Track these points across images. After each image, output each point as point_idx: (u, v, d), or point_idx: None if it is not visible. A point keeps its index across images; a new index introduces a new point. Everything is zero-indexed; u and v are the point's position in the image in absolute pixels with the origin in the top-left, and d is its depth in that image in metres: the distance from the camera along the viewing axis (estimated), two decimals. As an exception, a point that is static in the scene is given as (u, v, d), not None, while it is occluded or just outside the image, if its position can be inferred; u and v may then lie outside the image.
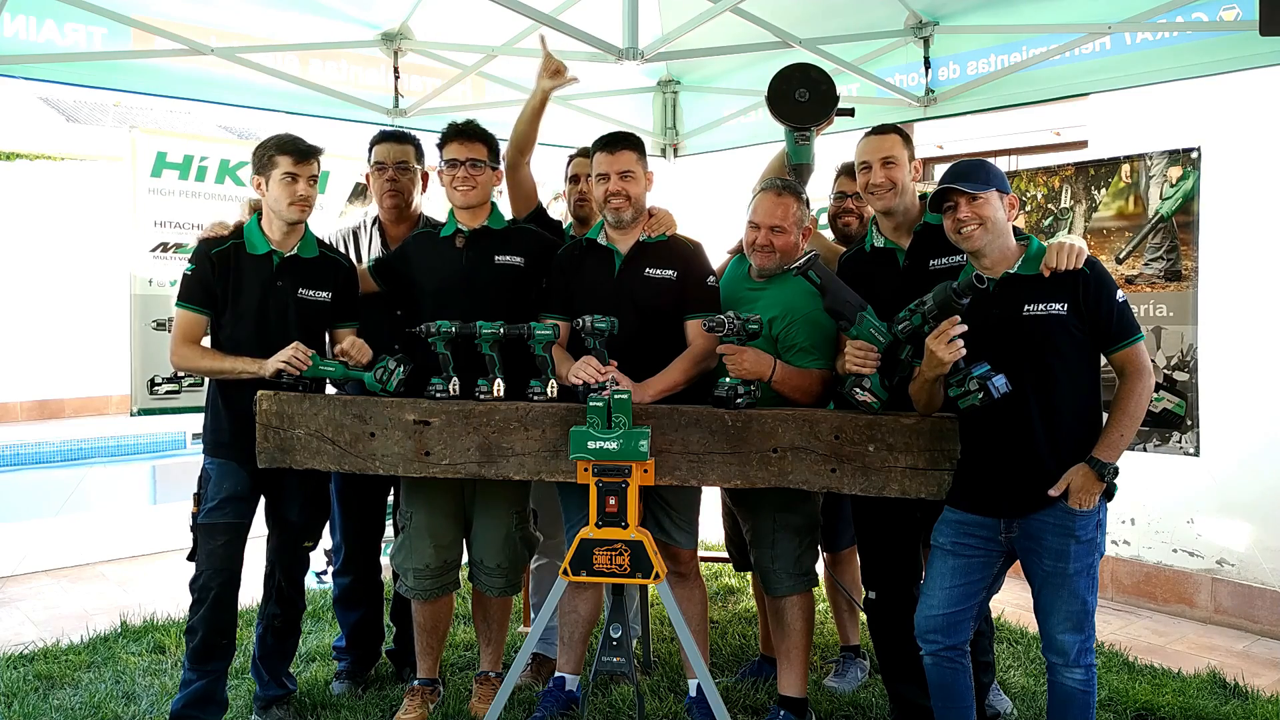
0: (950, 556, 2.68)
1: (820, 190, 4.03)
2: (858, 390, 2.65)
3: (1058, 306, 2.52)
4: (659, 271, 3.09)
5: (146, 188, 4.35)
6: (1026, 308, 2.55)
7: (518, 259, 3.21)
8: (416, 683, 3.39)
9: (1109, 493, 2.56)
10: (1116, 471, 2.51)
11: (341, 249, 3.49)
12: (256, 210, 3.17)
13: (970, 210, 2.55)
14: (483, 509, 3.26)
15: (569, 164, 3.71)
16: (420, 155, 3.58)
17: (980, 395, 2.46)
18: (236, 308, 3.06)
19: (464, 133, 3.19)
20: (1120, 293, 2.57)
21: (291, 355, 2.94)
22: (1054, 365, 2.54)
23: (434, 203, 3.72)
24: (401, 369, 2.98)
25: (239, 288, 3.06)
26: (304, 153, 3.06)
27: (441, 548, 3.24)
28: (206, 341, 3.12)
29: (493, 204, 3.30)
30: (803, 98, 3.34)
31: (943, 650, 2.69)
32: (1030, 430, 2.55)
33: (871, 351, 2.65)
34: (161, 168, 4.39)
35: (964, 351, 2.47)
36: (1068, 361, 2.54)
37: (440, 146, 3.23)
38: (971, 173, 2.60)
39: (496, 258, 3.19)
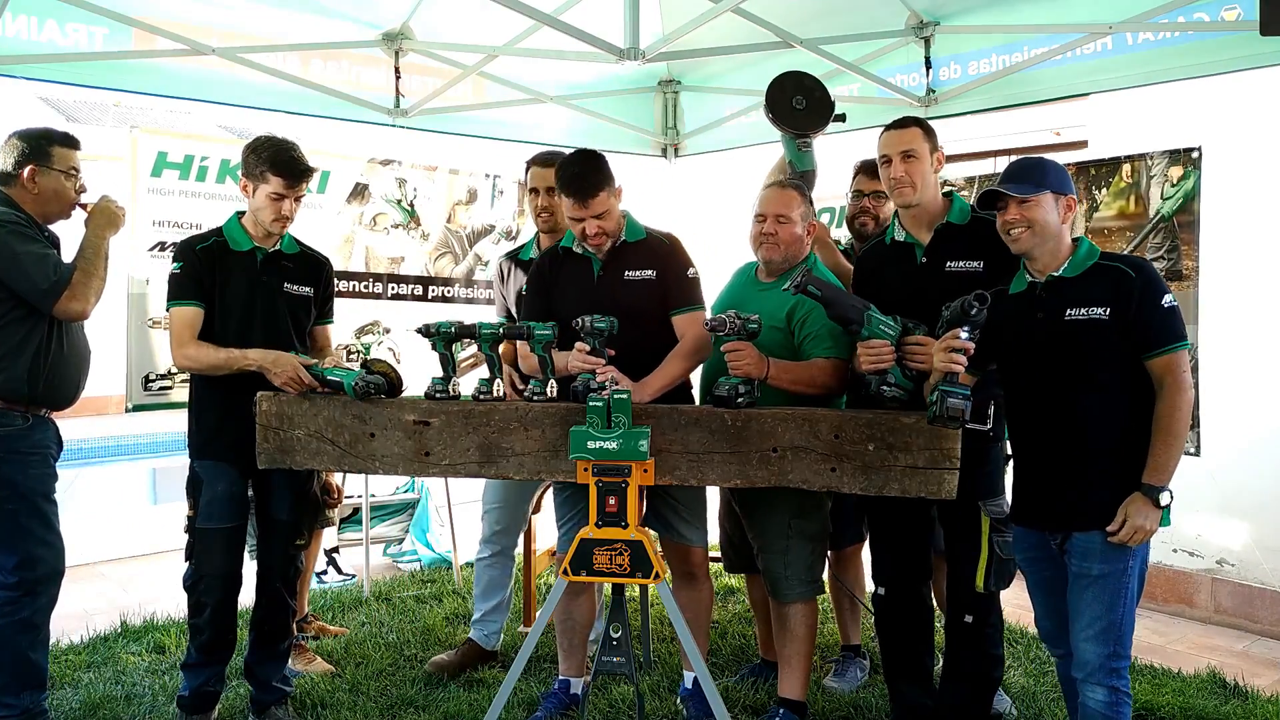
0: (1029, 575, 2.73)
1: (825, 192, 4.03)
2: (885, 388, 2.65)
3: (1100, 311, 2.46)
4: (638, 273, 3.08)
5: (146, 187, 4.34)
6: (1069, 312, 2.50)
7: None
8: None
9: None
10: (1171, 495, 2.45)
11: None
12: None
13: (1019, 212, 2.52)
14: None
15: (526, 172, 3.65)
16: None
17: (935, 408, 2.44)
18: (223, 304, 3.06)
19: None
20: (1169, 297, 2.47)
21: (291, 379, 2.93)
22: (1096, 372, 2.49)
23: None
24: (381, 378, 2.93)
25: (226, 284, 3.06)
26: (298, 176, 3.05)
27: None
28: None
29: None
30: (800, 105, 3.34)
31: (1065, 655, 2.71)
32: (1068, 438, 2.52)
33: (884, 347, 2.64)
34: (162, 167, 4.38)
35: (957, 365, 2.44)
36: (1110, 368, 2.48)
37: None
38: (1024, 174, 2.56)
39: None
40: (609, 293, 3.07)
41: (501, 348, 3.19)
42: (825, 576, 3.36)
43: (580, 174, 3.00)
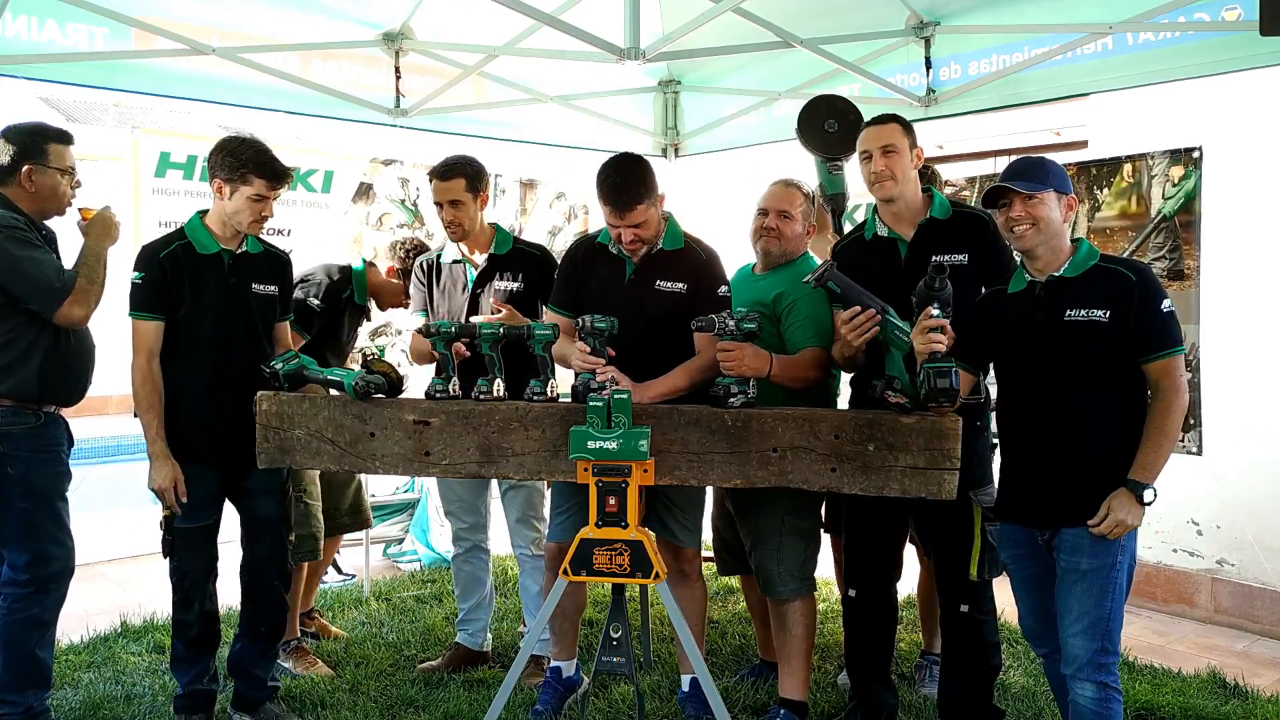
0: (1015, 572, 2.73)
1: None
2: (890, 393, 2.64)
3: (1100, 313, 2.48)
4: (669, 284, 3.05)
5: (151, 188, 4.35)
6: (1068, 312, 2.52)
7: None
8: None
9: None
10: (1155, 494, 2.46)
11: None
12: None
13: (1024, 209, 2.53)
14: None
15: (430, 184, 3.59)
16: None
17: (925, 386, 2.44)
18: (195, 307, 3.03)
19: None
20: (1168, 302, 2.51)
21: (160, 490, 3.01)
22: (1093, 372, 2.50)
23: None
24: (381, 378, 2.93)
25: (195, 288, 3.03)
26: (280, 177, 3.05)
27: None
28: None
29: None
30: (831, 129, 3.36)
31: (1051, 653, 2.71)
32: (1062, 437, 2.53)
33: (869, 319, 2.61)
34: (165, 168, 4.39)
35: (937, 344, 2.44)
36: (1107, 370, 2.50)
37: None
38: (1028, 171, 2.58)
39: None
40: (637, 299, 3.05)
41: (411, 345, 3.23)
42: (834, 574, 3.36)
43: (620, 184, 2.93)
